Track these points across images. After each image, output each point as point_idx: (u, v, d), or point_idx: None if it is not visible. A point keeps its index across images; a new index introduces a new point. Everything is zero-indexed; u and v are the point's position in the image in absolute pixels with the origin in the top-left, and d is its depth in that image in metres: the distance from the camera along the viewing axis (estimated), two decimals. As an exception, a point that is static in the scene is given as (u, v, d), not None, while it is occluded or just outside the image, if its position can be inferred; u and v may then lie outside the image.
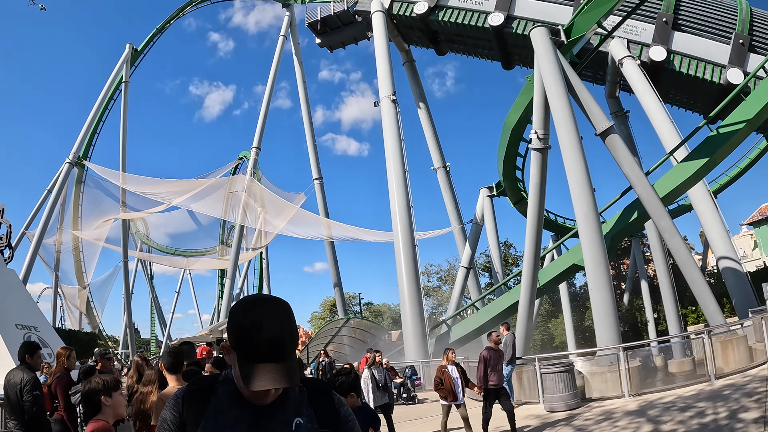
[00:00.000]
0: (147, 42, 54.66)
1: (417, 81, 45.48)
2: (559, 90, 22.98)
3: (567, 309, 50.86)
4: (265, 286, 60.73)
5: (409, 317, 29.92)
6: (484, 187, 42.63)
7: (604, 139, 23.40)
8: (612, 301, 21.20)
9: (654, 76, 31.86)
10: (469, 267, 41.75)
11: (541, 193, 24.65)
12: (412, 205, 32.50)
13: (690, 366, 28.94)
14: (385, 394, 12.62)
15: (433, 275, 79.30)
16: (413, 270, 30.91)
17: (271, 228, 47.41)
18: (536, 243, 25.34)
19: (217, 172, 46.08)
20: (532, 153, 24.82)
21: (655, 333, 48.26)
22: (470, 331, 34.63)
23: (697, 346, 24.79)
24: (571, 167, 22.32)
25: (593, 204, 21.92)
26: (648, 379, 19.20)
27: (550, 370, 16.46)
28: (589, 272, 21.69)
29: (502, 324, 18.45)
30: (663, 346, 31.02)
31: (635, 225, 28.94)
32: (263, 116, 47.65)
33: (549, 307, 66.18)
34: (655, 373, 23.65)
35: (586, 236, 21.74)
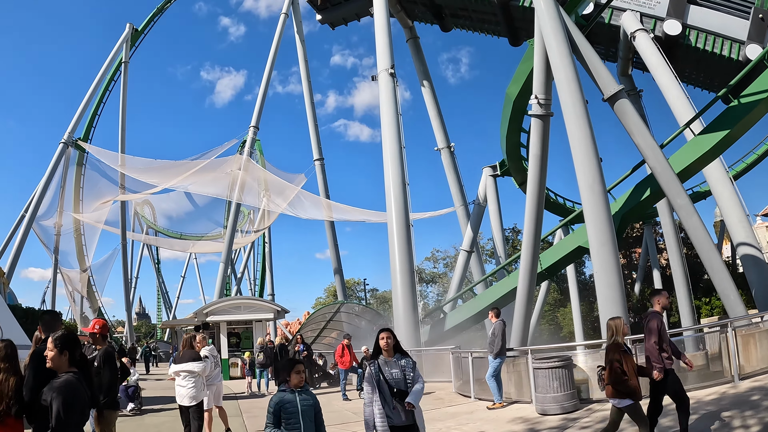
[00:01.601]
0: (148, 21, 52.18)
1: (421, 58, 42.27)
2: (562, 48, 19.67)
3: (575, 297, 47.67)
4: (268, 272, 57.92)
5: (400, 302, 26.74)
6: (487, 166, 39.24)
7: (612, 105, 20.13)
8: (620, 286, 17.88)
9: (668, 52, 28.97)
10: (470, 250, 38.36)
11: (542, 165, 21.36)
12: (407, 183, 29.36)
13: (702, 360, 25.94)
14: (401, 409, 6.60)
15: (440, 261, 75.97)
16: (407, 251, 27.71)
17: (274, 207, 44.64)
18: (536, 221, 22.04)
19: (213, 152, 43.08)
20: (532, 121, 21.54)
21: (667, 325, 44.98)
22: (465, 318, 31.45)
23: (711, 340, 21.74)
24: (575, 132, 18.97)
25: (599, 175, 18.56)
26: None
27: (543, 365, 13.20)
28: (594, 252, 18.35)
29: (491, 310, 15.21)
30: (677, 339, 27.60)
31: (647, 203, 25.54)
32: (262, 95, 44.96)
33: (557, 296, 62.60)
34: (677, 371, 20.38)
35: (591, 211, 18.39)
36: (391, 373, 6.69)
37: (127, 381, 17.64)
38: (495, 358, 14.25)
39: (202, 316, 30.52)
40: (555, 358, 13.52)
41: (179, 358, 11.13)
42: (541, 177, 21.40)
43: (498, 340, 14.29)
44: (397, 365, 6.77)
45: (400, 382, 6.66)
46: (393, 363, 6.79)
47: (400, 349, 6.99)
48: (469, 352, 17.26)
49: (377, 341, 6.97)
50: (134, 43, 51.58)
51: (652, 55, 28.26)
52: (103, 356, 7.89)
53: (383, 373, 6.69)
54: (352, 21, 43.77)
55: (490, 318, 14.98)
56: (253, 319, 29.88)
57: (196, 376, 10.74)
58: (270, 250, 59.10)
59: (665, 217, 35.88)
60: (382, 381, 6.64)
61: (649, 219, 47.79)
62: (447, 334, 31.82)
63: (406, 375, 6.71)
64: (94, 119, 50.98)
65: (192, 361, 10.81)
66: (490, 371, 14.29)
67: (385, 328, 7.15)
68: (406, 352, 7.11)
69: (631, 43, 29.85)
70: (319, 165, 47.54)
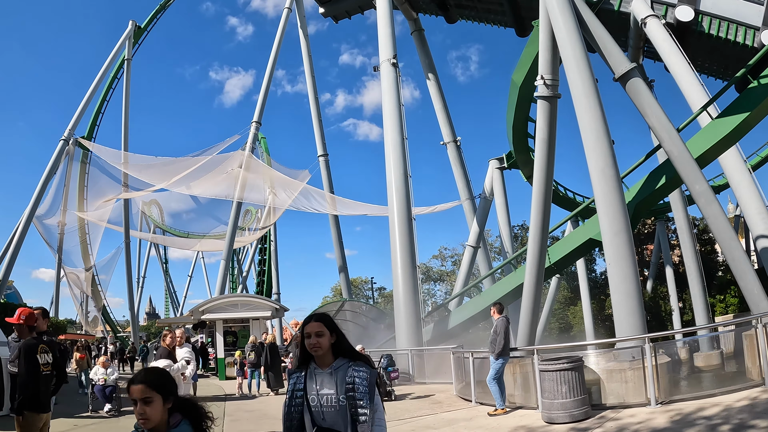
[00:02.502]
0: (150, 18, 50.85)
1: (426, 51, 40.55)
2: (569, 22, 17.94)
3: (585, 295, 45.75)
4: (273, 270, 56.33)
5: (402, 298, 25.03)
6: (493, 159, 37.34)
7: (624, 85, 18.39)
8: (635, 280, 16.06)
9: (680, 39, 27.04)
10: (476, 246, 36.50)
11: (550, 150, 19.57)
12: (410, 175, 27.74)
13: (718, 360, 24.44)
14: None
15: (448, 259, 74.09)
16: (408, 246, 26.02)
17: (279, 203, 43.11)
18: (544, 211, 20.26)
19: (215, 148, 41.60)
20: (539, 103, 19.78)
21: (680, 323, 43.32)
22: (470, 316, 29.67)
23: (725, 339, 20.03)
24: (584, 112, 17.22)
25: (611, 158, 16.78)
26: (680, 381, 14.03)
27: (550, 367, 11.39)
28: (606, 243, 16.54)
29: (493, 305, 13.39)
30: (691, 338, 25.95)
31: (663, 192, 23.69)
32: (264, 90, 43.39)
33: (568, 294, 60.58)
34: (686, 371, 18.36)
35: (603, 198, 16.60)
36: (320, 395, 3.67)
37: (105, 380, 16.31)
38: (497, 359, 12.50)
39: (197, 314, 29.09)
40: (564, 359, 11.69)
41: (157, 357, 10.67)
42: (548, 163, 19.62)
43: (500, 339, 12.55)
44: (332, 381, 3.68)
45: (333, 412, 3.64)
46: (327, 377, 3.70)
47: (349, 353, 3.81)
48: (470, 353, 15.49)
49: (302, 338, 3.87)
50: (137, 40, 50.33)
51: (664, 41, 26.35)
52: (22, 349, 7.08)
53: (307, 394, 3.72)
54: (355, 14, 42.06)
55: (493, 315, 13.23)
56: (250, 317, 28.33)
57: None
58: (276, 249, 57.58)
59: (678, 211, 34.05)
60: (305, 407, 3.71)
61: (661, 214, 45.82)
62: (452, 332, 30.06)
63: (349, 401, 3.60)
64: (97, 117, 49.86)
65: (161, 359, 10.21)
66: (491, 373, 12.54)
67: (316, 315, 3.87)
68: (361, 356, 3.86)
69: (642, 30, 27.96)
70: (324, 161, 45.91)
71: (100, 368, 16.94)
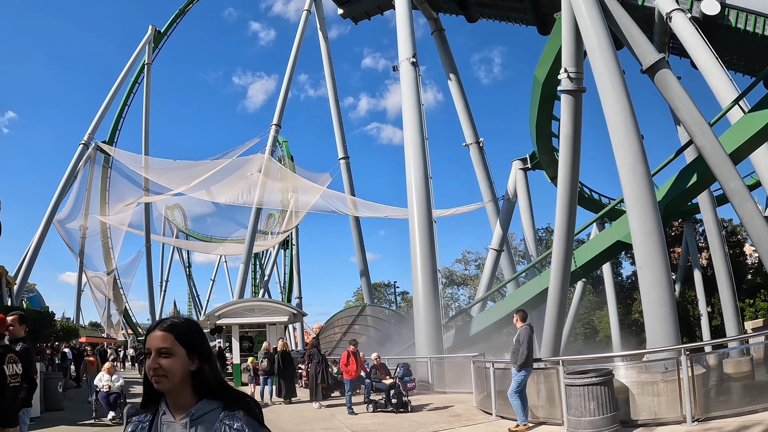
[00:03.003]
0: (170, 23, 50.46)
1: (447, 51, 39.48)
2: (593, 10, 16.90)
3: (612, 300, 44.09)
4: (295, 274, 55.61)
5: (421, 304, 23.95)
6: (516, 159, 36.11)
7: (652, 77, 17.28)
8: (668, 285, 14.90)
9: (706, 34, 25.80)
10: (499, 249, 35.29)
11: (575, 147, 18.46)
12: (430, 176, 26.71)
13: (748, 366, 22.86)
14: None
15: (471, 263, 72.73)
16: (429, 249, 24.96)
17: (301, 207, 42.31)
18: (569, 212, 19.11)
19: (235, 151, 40.90)
20: (562, 98, 18.66)
21: (709, 328, 41.66)
22: (492, 322, 28.50)
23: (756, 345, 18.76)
24: (612, 105, 16.12)
25: (641, 153, 15.63)
26: (716, 395, 12.78)
27: (577, 381, 10.28)
28: (637, 244, 15.37)
29: (516, 312, 12.26)
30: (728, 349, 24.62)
31: (694, 191, 22.41)
32: (284, 93, 42.58)
33: (593, 298, 58.88)
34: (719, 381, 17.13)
35: (632, 196, 15.47)
36: None
37: (109, 387, 15.66)
38: (519, 371, 11.39)
39: (213, 319, 28.25)
40: (592, 372, 10.54)
41: None
42: (573, 161, 18.50)
43: (523, 349, 11.44)
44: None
45: None
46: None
47: (221, 391, 2.32)
48: (491, 362, 14.35)
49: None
50: (157, 44, 49.99)
51: (690, 36, 25.06)
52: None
53: None
54: (375, 15, 41.23)
55: (515, 322, 12.11)
56: (266, 322, 27.46)
57: None
58: (298, 252, 56.90)
59: (707, 213, 32.55)
60: None
61: (689, 216, 44.18)
62: (474, 338, 28.91)
63: None
64: (119, 122, 49.61)
65: None
66: (513, 386, 11.43)
67: (165, 322, 2.30)
68: (242, 398, 2.37)
69: (667, 25, 26.69)
70: (344, 164, 45.11)
71: (104, 374, 16.21)
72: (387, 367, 17.64)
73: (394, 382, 16.03)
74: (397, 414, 15.37)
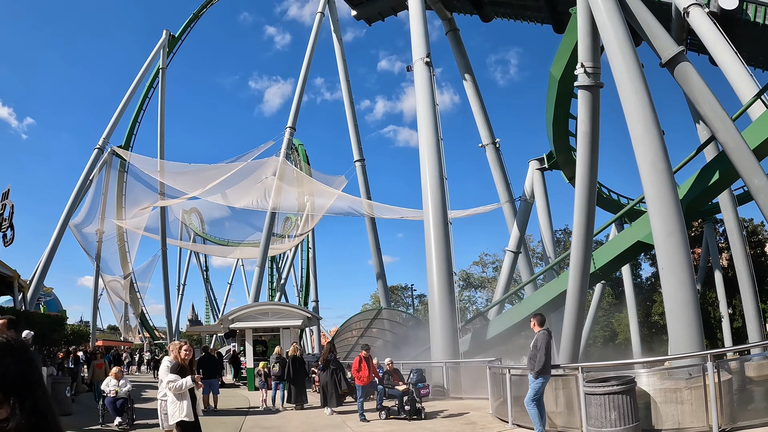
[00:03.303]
0: (184, 28, 50.35)
1: (462, 51, 38.89)
2: (609, 3, 16.25)
3: (631, 301, 43.11)
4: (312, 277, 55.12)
5: (437, 307, 23.36)
6: (533, 159, 35.42)
7: (672, 70, 16.61)
8: (692, 287, 14.22)
9: (725, 29, 25.06)
10: (517, 251, 34.60)
11: (593, 144, 17.82)
12: (445, 177, 26.12)
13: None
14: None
15: (489, 265, 71.78)
16: (444, 250, 24.39)
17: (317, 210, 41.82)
18: (588, 211, 18.47)
19: (249, 155, 40.49)
20: (579, 93, 18.07)
21: (730, 330, 40.65)
22: (509, 326, 27.81)
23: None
24: (630, 99, 15.49)
25: (662, 149, 14.97)
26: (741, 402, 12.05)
27: (597, 389, 9.64)
28: (659, 245, 14.68)
29: (533, 317, 11.60)
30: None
31: (717, 189, 21.66)
32: (298, 95, 42.11)
33: (612, 300, 57.83)
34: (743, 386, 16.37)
35: (654, 194, 14.80)
36: None
37: (116, 392, 15.17)
38: (536, 378, 10.75)
39: (227, 323, 27.90)
40: (613, 380, 9.88)
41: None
42: (592, 159, 17.87)
43: (540, 355, 10.80)
44: None
45: None
46: None
47: None
48: (507, 368, 13.73)
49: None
50: (171, 49, 49.79)
51: (708, 31, 24.26)
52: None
53: None
54: (388, 16, 40.74)
55: (532, 327, 11.44)
56: (280, 325, 26.99)
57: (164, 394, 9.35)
58: (314, 256, 56.39)
59: (728, 212, 31.70)
60: None
61: (709, 215, 43.19)
62: (491, 342, 28.25)
63: None
64: (134, 127, 49.45)
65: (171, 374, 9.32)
66: (529, 394, 10.81)
67: None
68: None
69: (685, 21, 25.90)
70: (360, 166, 44.60)
71: (112, 379, 15.77)
72: (400, 372, 17.07)
73: (408, 389, 15.47)
74: (410, 421, 14.80)
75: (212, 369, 19.10)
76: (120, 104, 44.87)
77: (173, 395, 9.21)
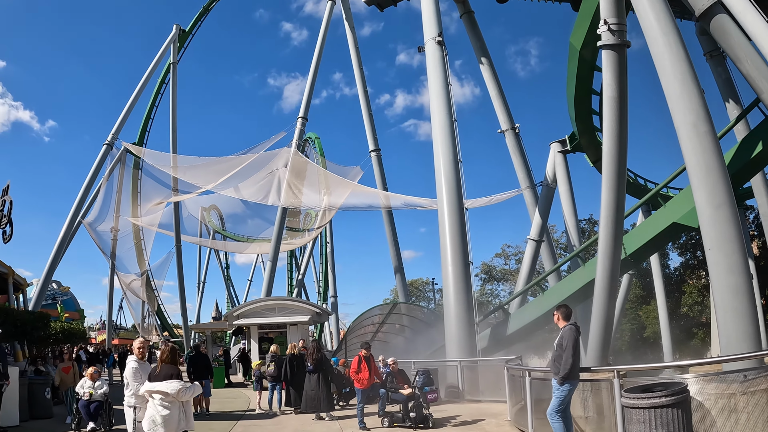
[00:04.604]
0: (195, 22, 48.68)
1: (477, 34, 36.35)
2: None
3: (660, 293, 40.02)
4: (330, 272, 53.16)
5: (452, 300, 20.98)
6: (555, 142, 32.80)
7: (707, 24, 14.15)
8: (745, 270, 11.79)
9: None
10: (539, 239, 32.02)
11: (622, 111, 15.38)
12: (460, 160, 23.74)
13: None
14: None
15: (511, 257, 68.84)
16: (459, 239, 21.97)
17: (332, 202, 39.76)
18: (617, 190, 16.03)
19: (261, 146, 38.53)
20: (603, 55, 15.60)
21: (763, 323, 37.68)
22: (532, 320, 25.35)
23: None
24: (665, 54, 13.12)
25: (703, 110, 12.52)
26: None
27: (641, 401, 7.17)
28: (705, 222, 12.19)
29: (557, 309, 9.07)
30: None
31: (760, 162, 18.94)
32: (310, 84, 40.20)
33: (639, 291, 54.67)
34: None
35: (697, 162, 12.36)
36: None
37: (91, 394, 13.29)
38: (561, 384, 8.32)
39: (232, 319, 26.00)
40: (660, 389, 7.32)
41: (154, 374, 8.06)
42: (621, 128, 15.43)
43: (567, 356, 8.29)
44: None
45: None
46: None
47: None
48: (527, 370, 11.28)
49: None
50: (182, 44, 48.03)
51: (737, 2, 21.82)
52: None
53: None
54: (401, 1, 38.46)
55: (556, 321, 8.86)
56: (287, 322, 24.97)
57: (171, 401, 7.75)
58: (332, 250, 54.40)
59: (761, 196, 28.85)
60: None
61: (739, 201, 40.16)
62: (512, 338, 25.84)
63: None
64: (147, 123, 47.86)
65: (169, 379, 7.87)
66: (553, 404, 8.40)
67: None
68: None
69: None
70: (375, 156, 42.49)
71: (87, 380, 13.79)
72: (406, 374, 14.74)
73: (413, 393, 13.20)
74: (415, 430, 12.56)
75: (203, 369, 16.99)
76: (129, 99, 43.18)
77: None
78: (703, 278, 50.99)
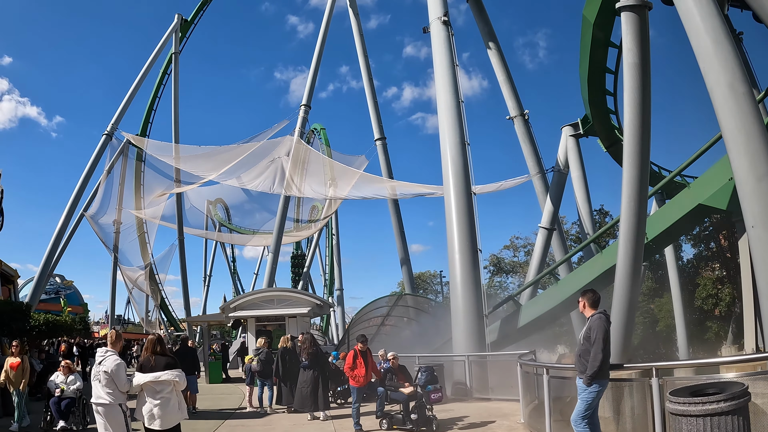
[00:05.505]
0: (197, 11, 47.43)
1: (485, 18, 34.61)
2: None
3: (675, 286, 38.23)
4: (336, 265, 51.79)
5: (459, 291, 19.40)
6: (566, 125, 31.11)
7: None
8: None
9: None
10: (550, 228, 30.33)
11: (644, 79, 13.74)
12: (468, 142, 22.19)
13: None
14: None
15: (520, 249, 66.83)
16: (467, 226, 20.41)
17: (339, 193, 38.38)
18: (641, 165, 14.41)
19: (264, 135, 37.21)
20: (623, 17, 13.95)
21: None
22: (544, 312, 23.72)
23: None
24: (695, 13, 11.39)
25: (740, 70, 10.92)
26: None
27: (693, 408, 5.44)
28: (746, 195, 10.54)
29: (583, 295, 7.41)
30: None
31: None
32: (313, 72, 38.83)
33: (651, 284, 52.64)
34: None
35: (735, 127, 10.76)
36: None
37: (62, 390, 12.17)
38: (589, 384, 6.67)
39: (228, 311, 24.51)
40: (713, 391, 5.68)
41: (148, 365, 7.41)
42: (643, 96, 13.79)
43: (596, 351, 6.64)
44: None
45: None
46: None
47: None
48: (544, 368, 9.60)
49: None
50: (185, 34, 46.77)
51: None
52: None
53: None
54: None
55: (582, 310, 7.26)
56: (285, 314, 23.53)
57: (170, 390, 7.36)
58: (338, 242, 53.04)
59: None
60: None
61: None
62: (523, 331, 24.23)
63: None
64: (150, 114, 46.53)
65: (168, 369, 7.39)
66: (579, 408, 6.78)
67: None
68: None
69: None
70: (381, 145, 41.08)
71: (59, 375, 12.43)
72: (407, 371, 13.12)
73: (415, 392, 11.64)
74: (417, 435, 11.04)
75: (189, 364, 15.50)
76: (129, 89, 41.85)
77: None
78: (717, 270, 49.13)
